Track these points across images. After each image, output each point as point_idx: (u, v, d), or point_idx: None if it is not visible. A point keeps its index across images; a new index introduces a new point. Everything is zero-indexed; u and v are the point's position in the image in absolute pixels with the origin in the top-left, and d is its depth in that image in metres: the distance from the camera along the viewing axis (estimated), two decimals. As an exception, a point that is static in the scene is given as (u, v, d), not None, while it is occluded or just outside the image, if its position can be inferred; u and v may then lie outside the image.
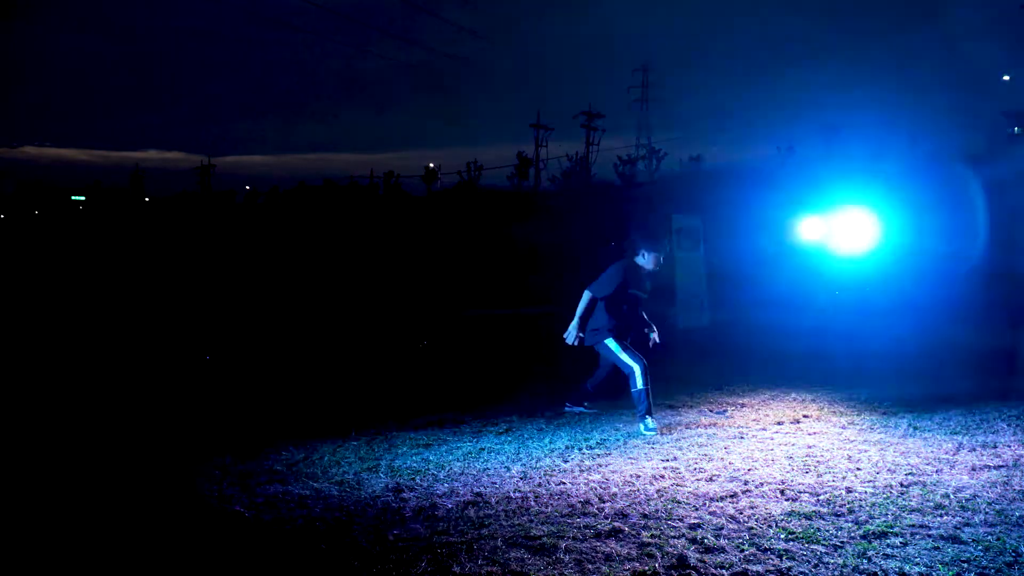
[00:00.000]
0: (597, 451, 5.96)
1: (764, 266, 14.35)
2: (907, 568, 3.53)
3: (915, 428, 6.47)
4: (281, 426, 6.83)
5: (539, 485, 5.02)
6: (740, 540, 3.91)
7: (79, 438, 6.44)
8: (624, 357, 6.90)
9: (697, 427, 6.78)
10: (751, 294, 14.91)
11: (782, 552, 3.74)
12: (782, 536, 3.96)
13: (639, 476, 5.17)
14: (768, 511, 4.35)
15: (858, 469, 5.23)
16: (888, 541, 3.86)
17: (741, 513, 4.33)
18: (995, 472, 5.07)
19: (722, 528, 4.10)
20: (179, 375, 9.43)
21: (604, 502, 4.59)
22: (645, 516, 4.32)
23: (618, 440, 6.31)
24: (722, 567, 3.58)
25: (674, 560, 3.66)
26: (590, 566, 3.63)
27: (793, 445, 5.99)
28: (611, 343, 6.98)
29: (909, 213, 13.10)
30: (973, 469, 5.16)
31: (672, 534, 4.02)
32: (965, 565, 3.57)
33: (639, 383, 6.75)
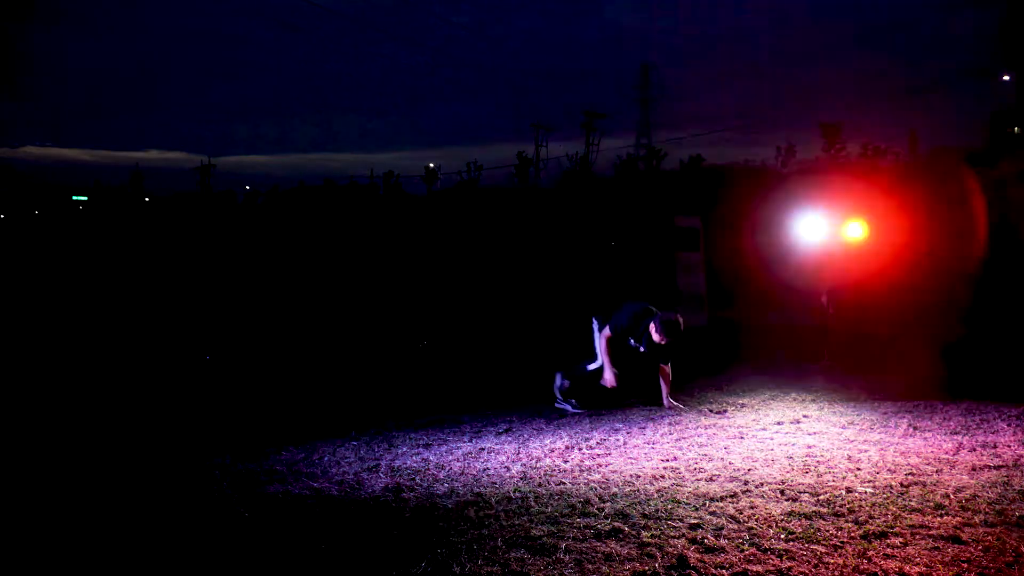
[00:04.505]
0: (597, 451, 5.96)
1: (764, 266, 14.36)
2: (907, 568, 3.53)
3: (915, 428, 6.47)
4: (281, 426, 6.84)
5: (539, 485, 5.02)
6: (740, 540, 3.92)
7: (80, 439, 6.44)
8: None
9: (697, 427, 6.78)
10: (751, 294, 14.91)
11: (782, 552, 3.74)
12: (782, 536, 3.96)
13: (639, 476, 5.18)
14: (768, 511, 4.35)
15: (858, 469, 5.23)
16: (888, 541, 3.87)
17: (741, 513, 4.33)
18: (995, 472, 5.08)
19: (722, 528, 4.10)
20: (179, 375, 9.43)
21: (604, 502, 4.59)
22: (645, 516, 4.31)
23: (618, 440, 6.31)
24: (722, 567, 3.58)
25: (674, 560, 3.66)
26: (590, 566, 3.63)
27: (793, 445, 5.99)
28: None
29: (908, 213, 13.10)
30: (973, 469, 5.16)
31: (672, 534, 4.02)
32: (965, 565, 3.57)
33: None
